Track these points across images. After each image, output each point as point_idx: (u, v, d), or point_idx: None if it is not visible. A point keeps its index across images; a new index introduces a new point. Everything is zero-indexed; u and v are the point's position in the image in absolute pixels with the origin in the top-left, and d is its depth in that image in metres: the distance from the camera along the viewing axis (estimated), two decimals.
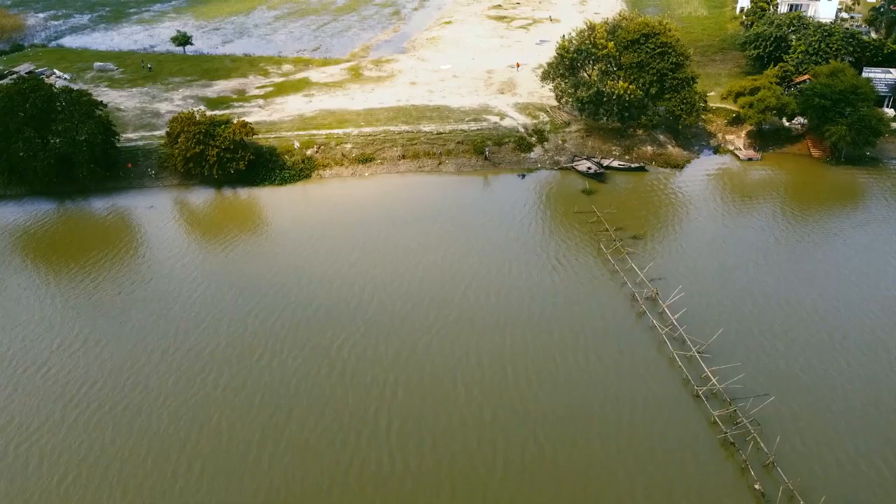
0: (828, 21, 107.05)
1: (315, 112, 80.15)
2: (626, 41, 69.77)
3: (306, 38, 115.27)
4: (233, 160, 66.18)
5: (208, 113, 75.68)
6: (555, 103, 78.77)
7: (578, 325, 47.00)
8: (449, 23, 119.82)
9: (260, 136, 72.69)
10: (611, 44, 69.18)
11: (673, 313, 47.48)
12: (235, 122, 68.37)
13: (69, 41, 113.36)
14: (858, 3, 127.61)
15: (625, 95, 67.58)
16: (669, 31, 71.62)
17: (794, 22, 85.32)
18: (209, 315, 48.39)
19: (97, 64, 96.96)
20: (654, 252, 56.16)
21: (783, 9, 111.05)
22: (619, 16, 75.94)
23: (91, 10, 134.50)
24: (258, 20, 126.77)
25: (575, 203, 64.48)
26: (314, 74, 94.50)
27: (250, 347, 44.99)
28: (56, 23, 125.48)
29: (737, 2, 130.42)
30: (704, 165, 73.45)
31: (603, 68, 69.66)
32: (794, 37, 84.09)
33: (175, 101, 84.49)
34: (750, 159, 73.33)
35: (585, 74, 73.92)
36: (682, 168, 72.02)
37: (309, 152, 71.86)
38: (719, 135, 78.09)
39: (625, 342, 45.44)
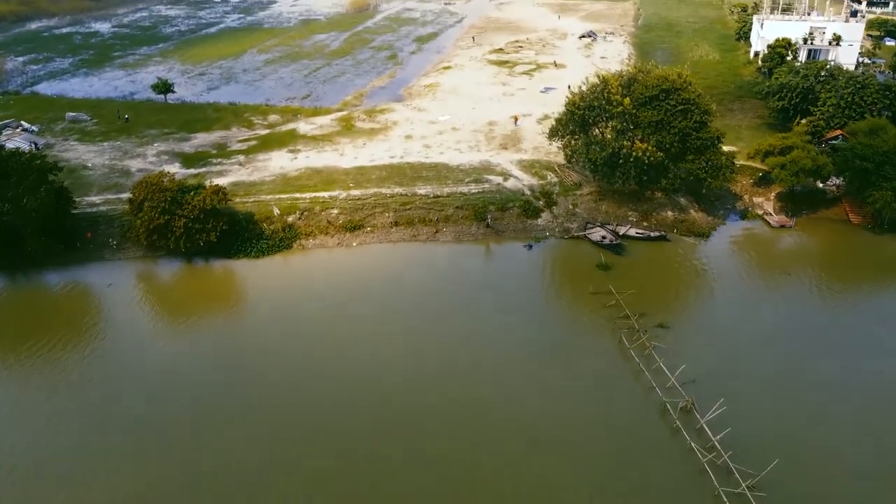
0: (849, 67, 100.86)
1: (300, 171, 72.87)
2: (643, 97, 62.60)
3: (297, 84, 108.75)
4: (202, 231, 58.59)
5: (180, 174, 68.65)
6: (563, 160, 71.49)
7: (598, 448, 39.02)
8: (448, 68, 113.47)
9: (237, 199, 65.33)
10: (626, 100, 62.06)
11: (714, 431, 39.39)
12: (208, 186, 60.90)
13: (45, 87, 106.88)
14: (879, 48, 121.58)
15: (643, 157, 60.18)
16: (690, 85, 64.47)
17: (822, 72, 78.32)
18: (166, 424, 40.31)
19: (69, 114, 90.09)
20: (685, 345, 48.25)
21: (802, 55, 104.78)
22: (634, 68, 69.00)
23: (74, 54, 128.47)
24: (247, 64, 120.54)
25: (590, 281, 56.68)
26: (302, 126, 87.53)
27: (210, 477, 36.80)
28: (35, 67, 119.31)
29: (750, 45, 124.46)
30: (732, 233, 65.84)
31: (618, 126, 62.43)
32: (822, 88, 76.99)
33: (148, 158, 77.33)
34: (782, 226, 65.77)
35: (598, 131, 66.68)
36: (708, 237, 64.38)
37: (291, 219, 64.29)
38: (746, 197, 70.64)
39: (656, 472, 37.49)
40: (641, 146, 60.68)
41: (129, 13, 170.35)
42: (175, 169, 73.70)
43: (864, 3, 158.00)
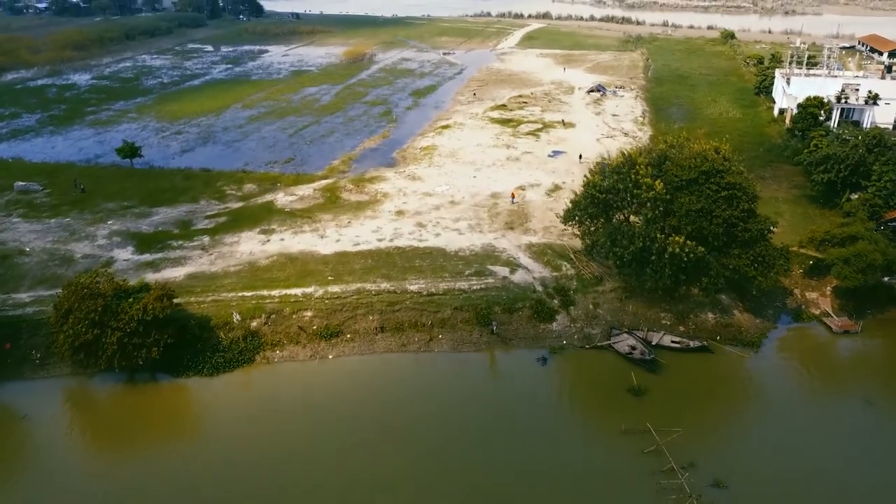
0: (887, 127, 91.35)
1: (272, 258, 62.09)
2: (679, 180, 52.07)
3: (280, 145, 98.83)
4: (142, 346, 47.44)
5: (130, 262, 57.93)
6: (579, 244, 60.87)
7: None
8: (446, 127, 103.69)
9: (192, 299, 54.50)
10: (658, 183, 51.55)
11: None
12: (153, 289, 49.93)
13: (3, 149, 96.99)
14: None
15: (681, 254, 49.31)
16: (734, 165, 54.15)
17: (873, 141, 68.18)
18: None
19: (18, 184, 79.93)
20: None
21: (835, 114, 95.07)
22: (665, 143, 58.60)
23: (44, 109, 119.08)
24: (229, 121, 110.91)
25: (620, 412, 45.44)
26: (281, 198, 77.16)
27: None
28: None
29: (772, 101, 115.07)
30: (786, 341, 54.77)
31: (649, 215, 51.70)
32: (875, 159, 66.77)
33: (98, 240, 66.69)
34: (846, 331, 54.63)
35: (622, 215, 56.06)
36: (758, 346, 53.25)
37: (255, 324, 53.25)
38: (797, 291, 59.64)
39: None
40: (678, 240, 49.90)
41: (113, 63, 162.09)
42: (126, 255, 63.13)
43: (886, 56, 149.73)
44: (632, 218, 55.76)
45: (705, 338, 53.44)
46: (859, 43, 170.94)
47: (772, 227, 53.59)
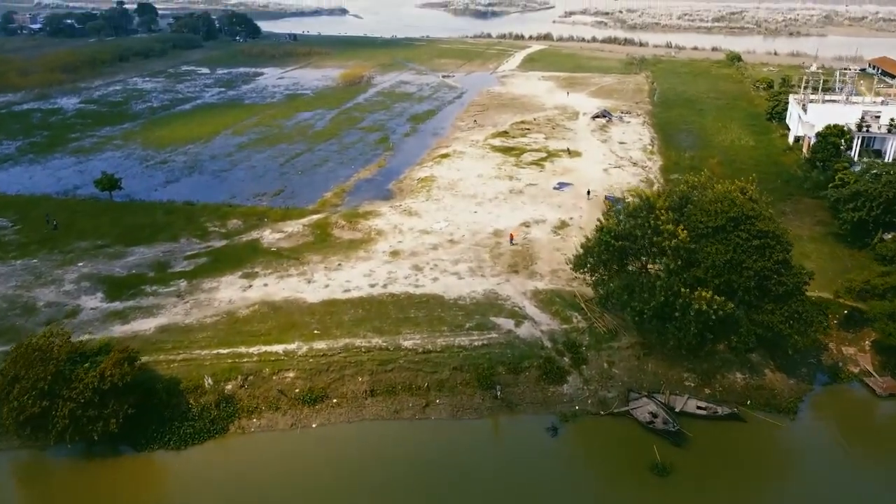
0: None
1: (253, 307, 56.48)
2: (704, 227, 46.54)
3: (270, 175, 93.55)
4: (98, 419, 41.68)
5: (98, 312, 52.38)
6: (590, 290, 55.31)
7: None
8: (446, 156, 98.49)
9: (161, 357, 48.90)
10: (682, 230, 45.99)
11: None
12: (113, 351, 44.25)
13: None
14: None
15: (709, 311, 43.68)
16: (759, 206, 48.75)
17: None
18: None
19: None
20: None
21: (856, 143, 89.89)
22: (686, 184, 53.12)
23: (26, 135, 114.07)
24: (218, 149, 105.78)
25: (642, 495, 39.49)
26: (267, 235, 71.69)
27: None
28: None
29: (786, 128, 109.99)
30: (824, 405, 49.07)
31: (671, 265, 46.09)
32: None
33: (65, 285, 61.11)
34: (891, 394, 48.83)
35: (639, 263, 50.51)
36: (795, 412, 47.46)
37: (230, 388, 47.54)
38: (832, 345, 53.86)
39: None
40: (705, 295, 44.28)
41: (103, 86, 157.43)
42: (94, 303, 57.57)
43: None
44: (650, 265, 50.10)
45: (735, 403, 47.70)
46: (870, 66, 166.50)
47: (809, 278, 47.93)
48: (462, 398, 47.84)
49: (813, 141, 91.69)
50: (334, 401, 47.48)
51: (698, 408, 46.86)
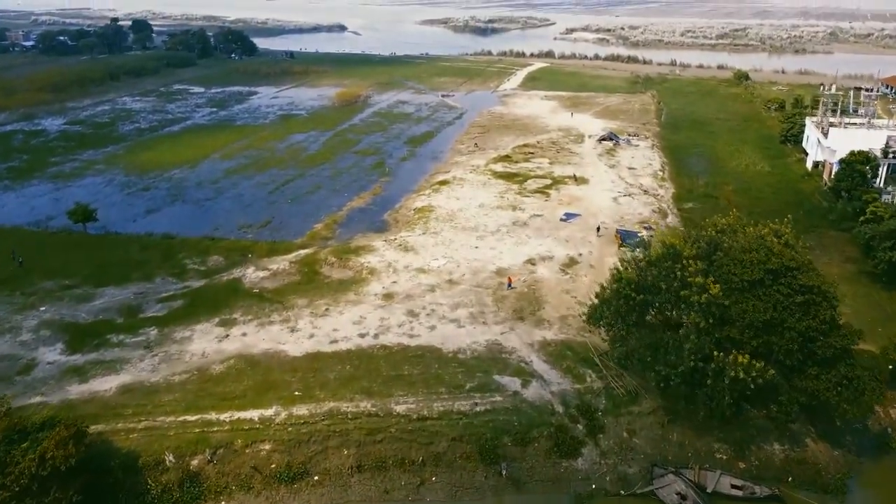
0: None
1: (228, 362, 50.52)
2: (738, 280, 40.63)
3: (258, 204, 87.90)
4: None
5: (56, 366, 46.53)
6: (605, 342, 49.37)
7: None
8: (445, 183, 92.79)
9: (120, 424, 43.01)
10: (712, 284, 40.04)
11: None
12: (59, 426, 38.19)
13: None
14: None
15: (746, 378, 37.67)
16: (795, 251, 42.91)
17: None
18: None
19: None
20: None
21: (882, 171, 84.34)
22: (714, 227, 47.22)
23: (4, 159, 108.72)
24: (204, 174, 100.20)
25: None
26: (250, 274, 65.83)
27: None
28: None
29: (802, 151, 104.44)
30: (877, 483, 42.83)
31: (701, 324, 40.15)
32: None
33: (22, 334, 55.30)
34: None
35: (665, 316, 44.52)
36: (843, 492, 41.29)
37: (196, 463, 41.49)
38: (878, 408, 47.70)
39: None
40: (742, 360, 38.31)
41: (91, 106, 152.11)
42: (53, 355, 51.70)
43: None
44: (675, 318, 44.13)
45: (774, 480, 41.58)
46: (883, 84, 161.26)
47: (857, 340, 41.97)
48: (462, 475, 41.77)
49: (836, 168, 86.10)
50: (315, 478, 41.37)
51: (733, 487, 40.81)
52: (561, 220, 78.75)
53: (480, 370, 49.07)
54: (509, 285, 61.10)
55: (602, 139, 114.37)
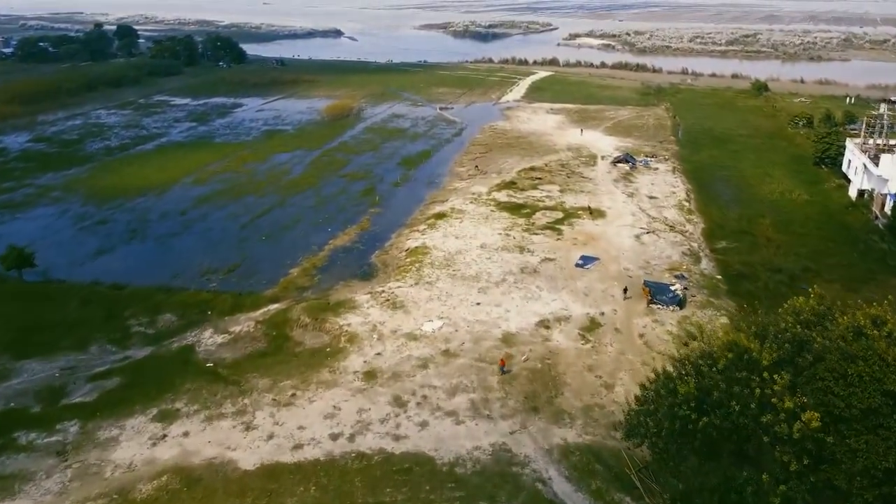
0: None
1: (159, 480, 39.42)
2: (845, 405, 29.12)
3: (227, 241, 76.69)
4: None
5: None
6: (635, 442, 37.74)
7: None
8: (442, 216, 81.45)
9: None
10: (809, 413, 28.52)
11: None
12: None
13: None
14: None
15: None
16: None
17: None
18: None
19: None
20: None
21: None
22: (794, 315, 35.52)
23: None
24: (172, 203, 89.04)
25: None
26: (207, 339, 54.67)
27: None
28: None
29: (841, 175, 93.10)
30: None
31: (792, 465, 28.65)
32: None
33: None
34: None
35: (736, 446, 32.91)
36: None
37: None
38: None
39: None
40: None
41: (62, 120, 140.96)
42: None
43: None
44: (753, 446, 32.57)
45: None
46: None
47: None
48: None
49: (891, 202, 74.72)
50: None
51: None
52: (577, 265, 67.36)
53: (484, 496, 37.55)
54: (503, 369, 49.23)
55: (617, 161, 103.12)
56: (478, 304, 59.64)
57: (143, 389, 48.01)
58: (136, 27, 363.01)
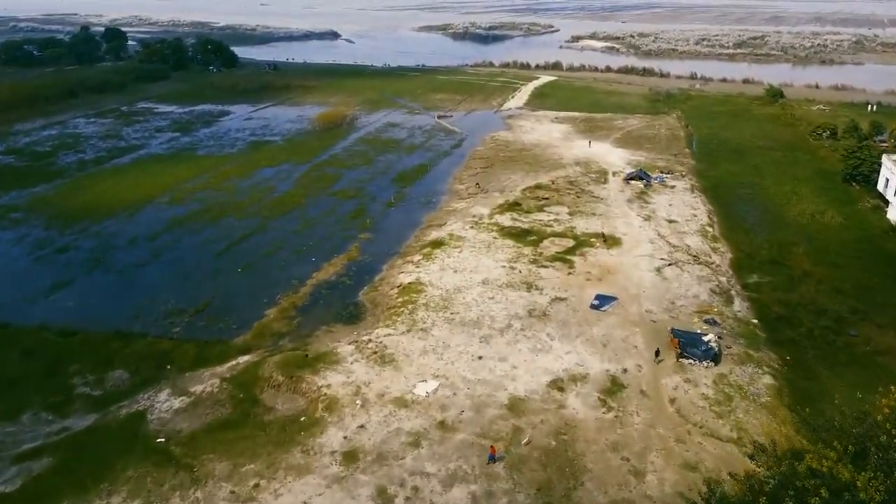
0: None
1: None
2: None
3: (199, 273, 68.65)
4: None
5: None
6: None
7: None
8: (439, 244, 73.21)
9: None
10: None
11: None
12: None
13: None
14: None
15: None
16: None
17: None
18: None
19: None
20: None
21: None
22: (861, 414, 27.14)
23: None
24: (142, 227, 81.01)
25: None
26: (162, 403, 46.67)
27: None
28: None
29: (880, 197, 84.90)
30: None
31: None
32: None
33: None
34: None
35: None
36: None
37: None
38: None
39: None
40: None
41: (38, 129, 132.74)
42: None
43: None
44: None
45: None
46: None
47: None
48: None
49: None
50: None
51: None
52: (592, 306, 59.06)
53: None
54: (492, 457, 40.66)
55: (630, 178, 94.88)
56: (479, 357, 51.37)
57: (76, 476, 39.84)
58: (130, 29, 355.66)
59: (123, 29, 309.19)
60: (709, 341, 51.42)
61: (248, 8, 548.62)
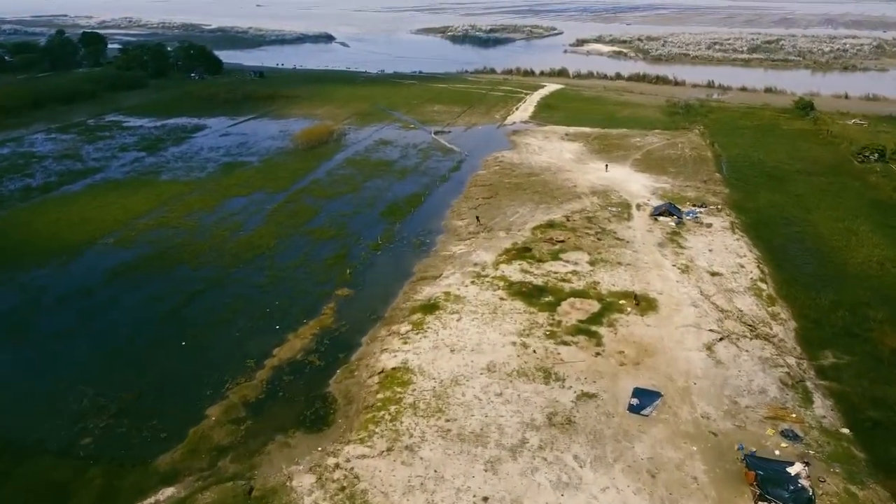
0: None
1: None
2: None
3: (135, 347, 55.47)
4: None
5: None
6: None
7: None
8: (433, 308, 59.40)
9: None
10: None
11: None
12: None
13: None
14: None
15: None
16: None
17: None
18: None
19: None
20: None
21: None
22: None
23: None
24: (78, 278, 67.67)
25: None
26: None
27: None
28: None
29: None
30: None
31: None
32: None
33: None
34: None
35: None
36: None
37: None
38: None
39: None
40: None
41: None
42: None
43: None
44: None
45: None
46: None
47: None
48: None
49: None
50: None
51: None
52: (630, 408, 45.12)
53: None
54: None
55: (658, 213, 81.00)
56: (484, 499, 37.24)
57: None
58: (119, 31, 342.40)
59: (113, 31, 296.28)
60: (797, 475, 37.42)
61: (243, 10, 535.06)
